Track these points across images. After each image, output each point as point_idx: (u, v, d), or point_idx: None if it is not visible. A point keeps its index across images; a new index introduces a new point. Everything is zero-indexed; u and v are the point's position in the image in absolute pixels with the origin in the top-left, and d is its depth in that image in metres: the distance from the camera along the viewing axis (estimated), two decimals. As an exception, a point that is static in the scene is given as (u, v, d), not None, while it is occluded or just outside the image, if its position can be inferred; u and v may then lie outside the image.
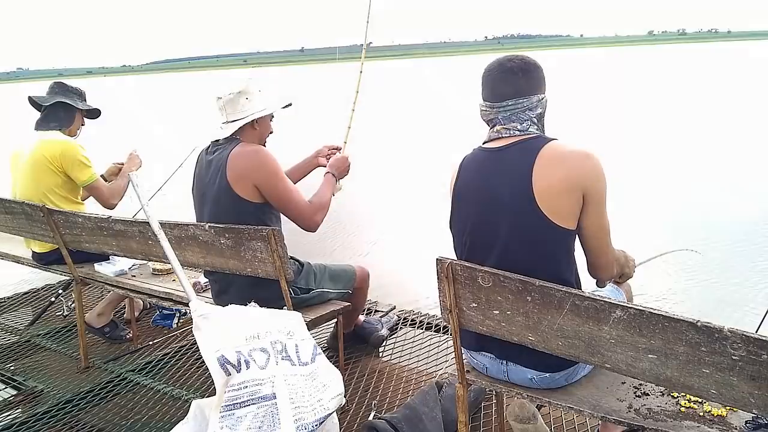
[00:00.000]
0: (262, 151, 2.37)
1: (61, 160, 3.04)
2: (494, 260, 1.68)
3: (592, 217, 1.64)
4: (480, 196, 1.72)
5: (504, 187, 1.66)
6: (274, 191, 2.33)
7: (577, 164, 1.60)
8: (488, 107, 1.75)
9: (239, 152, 2.33)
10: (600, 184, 1.62)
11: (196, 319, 1.83)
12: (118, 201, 3.22)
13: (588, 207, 1.62)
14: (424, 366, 2.94)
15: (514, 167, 1.65)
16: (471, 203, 1.76)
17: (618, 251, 1.82)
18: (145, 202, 2.15)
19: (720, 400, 1.31)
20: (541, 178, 1.60)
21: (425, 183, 8.52)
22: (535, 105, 1.71)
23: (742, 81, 25.93)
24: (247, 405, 1.75)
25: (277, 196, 2.34)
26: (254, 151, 2.35)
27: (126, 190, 3.23)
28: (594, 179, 1.61)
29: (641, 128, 12.90)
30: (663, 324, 1.31)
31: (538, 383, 1.72)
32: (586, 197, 1.61)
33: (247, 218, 2.31)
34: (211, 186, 2.38)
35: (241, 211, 2.33)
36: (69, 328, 3.52)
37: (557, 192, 1.59)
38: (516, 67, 1.71)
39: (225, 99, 2.38)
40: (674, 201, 6.94)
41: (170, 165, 3.80)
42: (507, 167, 1.67)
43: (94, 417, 2.61)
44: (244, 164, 2.31)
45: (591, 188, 1.60)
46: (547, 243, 1.63)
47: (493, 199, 1.69)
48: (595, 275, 1.78)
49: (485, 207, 1.71)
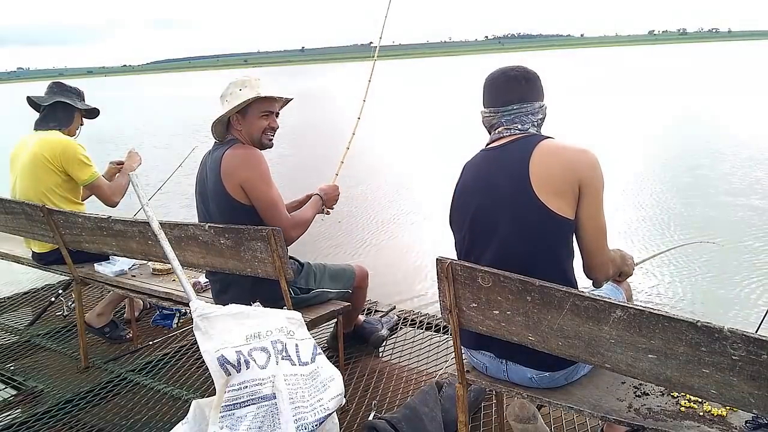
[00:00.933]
0: (252, 153, 2.35)
1: (62, 159, 3.04)
2: (493, 251, 1.70)
3: (587, 211, 1.66)
4: (479, 190, 1.77)
5: (502, 180, 1.71)
6: (256, 193, 2.32)
7: (573, 157, 1.66)
8: (491, 113, 1.81)
9: (231, 153, 2.34)
10: (596, 178, 1.65)
11: (196, 319, 1.83)
12: (120, 198, 3.22)
13: (584, 200, 1.65)
14: (424, 366, 2.94)
15: (512, 161, 1.71)
16: (471, 199, 1.79)
17: (614, 251, 1.82)
18: (145, 201, 2.15)
19: (720, 400, 1.31)
20: (538, 167, 1.65)
21: (426, 183, 8.53)
22: (537, 110, 1.79)
23: (745, 79, 25.95)
24: (247, 405, 1.75)
25: (258, 199, 2.32)
26: (243, 153, 2.34)
27: (127, 188, 3.23)
28: (590, 171, 1.65)
29: (641, 128, 12.91)
30: (663, 324, 1.31)
31: (538, 383, 1.72)
32: (582, 189, 1.64)
33: (240, 219, 2.32)
34: (208, 186, 2.40)
35: (234, 211, 2.34)
36: (69, 328, 3.52)
37: (554, 180, 1.64)
38: (519, 75, 1.79)
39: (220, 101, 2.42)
40: (675, 201, 6.94)
41: (171, 165, 3.81)
42: (506, 162, 1.73)
43: (94, 417, 2.61)
44: (233, 165, 2.31)
45: (587, 179, 1.64)
46: (546, 233, 1.65)
47: (492, 192, 1.73)
48: (590, 275, 1.78)
49: (484, 200, 1.74)
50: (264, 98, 2.38)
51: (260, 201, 2.33)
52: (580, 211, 1.66)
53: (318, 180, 2.83)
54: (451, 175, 1.91)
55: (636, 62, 55.95)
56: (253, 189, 2.32)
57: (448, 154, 9.83)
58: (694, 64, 45.11)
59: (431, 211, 6.89)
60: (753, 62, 43.18)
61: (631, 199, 6.95)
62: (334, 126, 15.33)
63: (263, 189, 2.33)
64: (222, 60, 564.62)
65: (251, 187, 2.31)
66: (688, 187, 7.40)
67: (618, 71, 40.85)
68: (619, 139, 11.35)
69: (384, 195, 8.17)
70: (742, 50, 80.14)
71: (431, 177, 8.68)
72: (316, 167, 9.33)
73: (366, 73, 3.01)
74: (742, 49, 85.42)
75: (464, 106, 20.04)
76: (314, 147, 12.50)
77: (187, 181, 7.00)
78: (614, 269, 1.82)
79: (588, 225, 1.67)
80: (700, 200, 6.77)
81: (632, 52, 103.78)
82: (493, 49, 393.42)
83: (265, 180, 2.34)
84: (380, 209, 7.39)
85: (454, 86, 31.94)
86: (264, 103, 2.40)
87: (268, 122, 2.43)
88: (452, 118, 16.42)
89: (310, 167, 9.71)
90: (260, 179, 2.32)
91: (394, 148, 12.06)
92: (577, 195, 1.65)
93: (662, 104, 17.62)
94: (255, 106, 2.39)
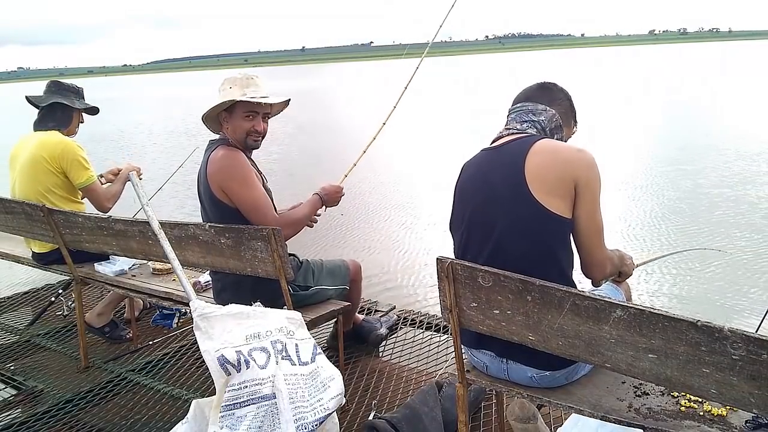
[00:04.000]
0: (230, 155, 2.33)
1: (60, 160, 3.03)
2: (490, 250, 1.70)
3: (583, 209, 1.65)
4: (477, 190, 1.77)
5: (498, 178, 1.71)
6: (237, 197, 2.31)
7: (568, 156, 1.66)
8: (507, 114, 1.86)
9: (213, 156, 2.34)
10: (591, 178, 1.65)
11: (196, 318, 1.83)
12: (112, 205, 3.18)
13: (580, 199, 1.65)
14: (424, 366, 2.93)
15: (508, 160, 1.72)
16: (469, 199, 1.79)
17: (612, 251, 1.82)
18: (145, 201, 2.15)
19: (720, 399, 1.31)
20: (533, 166, 1.65)
21: (425, 184, 8.54)
22: (539, 112, 1.79)
23: (747, 79, 25.93)
24: (247, 405, 1.75)
25: (240, 202, 2.32)
26: (223, 155, 2.33)
27: (120, 194, 3.21)
28: (585, 171, 1.64)
29: (642, 128, 12.92)
30: (663, 324, 1.31)
31: (539, 382, 1.72)
32: (578, 187, 1.64)
33: (228, 220, 2.33)
34: (201, 186, 2.43)
35: (222, 212, 2.35)
36: (69, 328, 3.52)
37: (549, 179, 1.63)
38: (539, 83, 1.88)
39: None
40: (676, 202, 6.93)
41: (170, 165, 3.81)
42: (502, 161, 1.73)
43: (94, 417, 2.61)
44: (214, 168, 2.32)
45: (582, 178, 1.64)
46: (542, 232, 1.65)
47: (488, 191, 1.73)
48: (588, 274, 1.78)
49: (481, 199, 1.75)
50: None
51: (243, 204, 2.32)
52: (576, 210, 1.66)
53: (322, 178, 2.80)
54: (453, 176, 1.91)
55: (636, 61, 55.93)
56: (234, 193, 2.31)
57: (447, 154, 9.84)
58: (695, 64, 45.09)
59: (431, 211, 6.90)
60: (754, 62, 43.14)
61: (634, 200, 6.94)
62: (341, 126, 15.33)
63: (243, 192, 2.31)
64: (222, 60, 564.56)
65: (231, 192, 2.31)
66: (691, 189, 7.39)
67: (618, 71, 40.85)
68: (625, 141, 11.34)
69: (385, 195, 8.16)
70: (742, 50, 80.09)
71: (431, 178, 8.68)
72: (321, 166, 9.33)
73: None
74: (742, 49, 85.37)
75: (465, 107, 20.04)
76: (318, 146, 12.51)
77: (185, 181, 7.01)
78: (612, 268, 1.82)
79: (584, 224, 1.67)
80: (704, 204, 6.73)
81: (633, 52, 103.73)
82: (493, 49, 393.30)
83: (244, 182, 2.31)
84: (381, 210, 7.39)
85: (454, 86, 31.94)
86: (248, 105, 2.36)
87: (252, 125, 2.38)
88: (461, 118, 16.41)
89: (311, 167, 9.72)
90: (238, 183, 2.30)
91: (392, 149, 12.06)
92: (573, 194, 1.64)
93: (662, 105, 17.62)
94: (240, 106, 2.35)
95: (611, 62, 59.54)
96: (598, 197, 1.67)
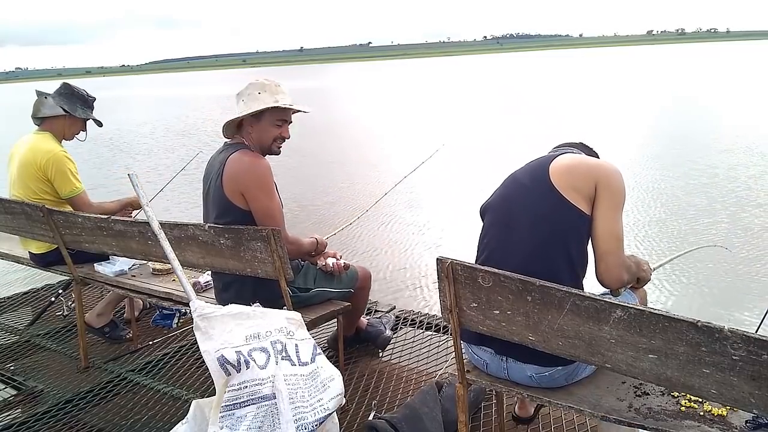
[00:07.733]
0: (258, 162, 2.33)
1: (46, 169, 3.04)
2: (509, 240, 1.77)
3: (602, 210, 1.69)
4: (506, 187, 1.89)
5: (525, 177, 1.84)
6: (257, 203, 2.32)
7: (594, 162, 1.80)
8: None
9: (237, 158, 2.33)
10: (613, 184, 1.71)
11: (196, 319, 1.83)
12: None
13: (599, 201, 1.70)
14: (424, 366, 2.93)
15: (537, 162, 1.85)
16: (500, 194, 1.89)
17: (627, 257, 1.81)
18: (145, 202, 2.15)
19: (720, 399, 1.31)
20: (558, 165, 1.77)
21: (425, 183, 8.53)
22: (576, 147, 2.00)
23: (748, 79, 25.94)
24: (247, 405, 1.75)
25: (257, 209, 2.32)
26: (248, 160, 2.32)
27: (113, 213, 3.17)
28: (608, 176, 1.71)
29: (642, 127, 12.92)
30: (663, 324, 1.31)
31: (538, 381, 1.72)
32: (598, 188, 1.70)
33: (233, 221, 2.32)
34: (210, 185, 2.41)
35: (228, 213, 2.34)
36: (69, 328, 3.52)
37: (571, 177, 1.72)
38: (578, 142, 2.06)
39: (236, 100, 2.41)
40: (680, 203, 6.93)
41: (170, 165, 3.81)
42: (532, 164, 1.87)
43: (94, 417, 2.60)
44: (237, 170, 2.31)
45: (603, 181, 1.70)
46: (559, 222, 1.70)
47: (515, 188, 1.84)
48: (604, 282, 1.76)
49: (508, 194, 1.85)
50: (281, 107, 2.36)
51: (260, 211, 2.32)
52: (595, 210, 1.70)
53: (330, 180, 2.80)
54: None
55: (636, 62, 55.91)
56: (255, 199, 2.31)
57: (457, 154, 9.83)
58: (694, 64, 45.09)
59: (432, 211, 6.90)
60: (754, 62, 43.15)
61: (642, 202, 6.93)
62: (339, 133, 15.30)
63: (264, 200, 2.32)
64: (221, 60, 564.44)
65: (253, 197, 2.31)
66: (701, 188, 7.37)
67: (617, 71, 40.86)
68: (631, 144, 11.34)
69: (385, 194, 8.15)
70: (742, 50, 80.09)
71: (431, 179, 8.67)
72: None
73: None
74: (741, 49, 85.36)
75: (467, 107, 20.02)
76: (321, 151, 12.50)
77: (185, 182, 7.00)
78: (629, 276, 1.80)
79: (602, 227, 1.69)
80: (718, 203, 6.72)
81: (631, 52, 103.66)
82: (491, 49, 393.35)
83: (268, 191, 2.33)
84: (381, 209, 7.38)
85: (452, 89, 31.95)
86: (281, 112, 2.38)
87: (281, 131, 2.41)
88: (458, 120, 16.39)
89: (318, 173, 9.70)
90: (263, 190, 2.32)
91: (392, 149, 12.05)
92: (592, 194, 1.70)
93: (663, 104, 17.63)
94: (271, 113, 2.37)
95: (611, 62, 59.48)
96: (620, 205, 1.72)
